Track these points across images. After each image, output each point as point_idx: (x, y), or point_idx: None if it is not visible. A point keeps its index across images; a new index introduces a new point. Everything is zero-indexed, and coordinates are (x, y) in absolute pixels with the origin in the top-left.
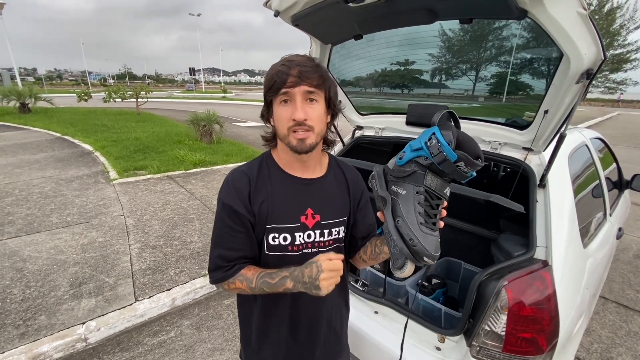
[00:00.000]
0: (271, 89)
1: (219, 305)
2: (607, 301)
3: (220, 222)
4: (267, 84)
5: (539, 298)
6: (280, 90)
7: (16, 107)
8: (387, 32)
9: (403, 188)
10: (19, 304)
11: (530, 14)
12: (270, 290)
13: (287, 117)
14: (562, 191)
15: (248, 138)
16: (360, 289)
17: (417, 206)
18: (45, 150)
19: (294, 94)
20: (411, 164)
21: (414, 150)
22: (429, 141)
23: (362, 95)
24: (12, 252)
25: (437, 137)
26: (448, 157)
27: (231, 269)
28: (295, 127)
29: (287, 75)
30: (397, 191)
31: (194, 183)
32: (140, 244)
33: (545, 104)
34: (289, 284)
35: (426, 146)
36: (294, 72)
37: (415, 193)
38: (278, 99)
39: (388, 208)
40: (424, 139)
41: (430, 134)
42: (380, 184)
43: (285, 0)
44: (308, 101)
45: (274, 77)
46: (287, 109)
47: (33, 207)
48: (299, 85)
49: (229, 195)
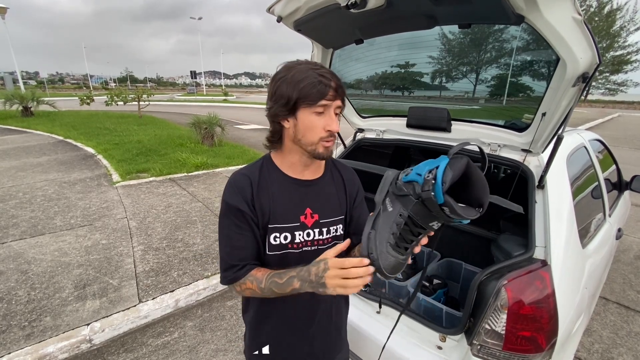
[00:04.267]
0: (309, 97)
1: (222, 306)
2: (608, 302)
3: (227, 223)
4: (304, 90)
5: (539, 297)
6: (320, 102)
7: (19, 110)
8: (387, 36)
9: (392, 205)
10: (24, 306)
11: (527, 19)
12: (279, 291)
13: (321, 127)
14: (561, 192)
15: (249, 141)
16: (362, 289)
17: (394, 227)
18: (48, 153)
19: (331, 107)
20: (410, 186)
21: (416, 173)
22: (429, 173)
23: (363, 98)
24: (17, 255)
25: (437, 172)
26: (435, 197)
27: (242, 268)
28: (328, 138)
29: (328, 88)
30: (387, 205)
31: (196, 185)
32: (144, 246)
33: (543, 107)
34: (296, 284)
35: (424, 177)
36: (333, 85)
37: (398, 215)
38: (313, 108)
39: (374, 214)
40: (428, 167)
41: (435, 165)
42: (382, 188)
43: (288, 6)
44: (336, 115)
45: (316, 87)
46: (322, 120)
47: (37, 209)
48: (336, 100)
49: (232, 196)
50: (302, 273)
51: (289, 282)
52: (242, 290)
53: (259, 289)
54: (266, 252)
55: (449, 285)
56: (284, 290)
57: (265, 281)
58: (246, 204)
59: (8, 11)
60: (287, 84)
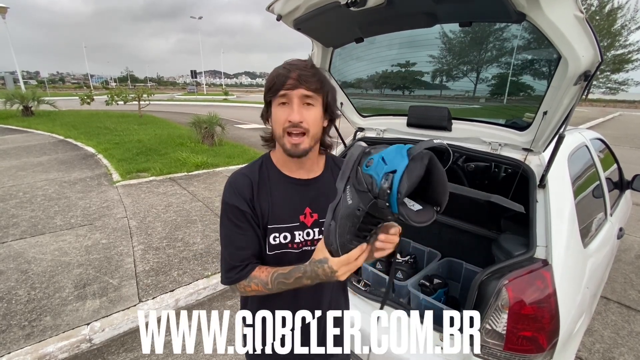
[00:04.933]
0: (270, 89)
1: (222, 306)
2: (609, 301)
3: (227, 223)
4: (267, 85)
5: (540, 297)
6: (279, 92)
7: (19, 110)
8: (387, 34)
9: (351, 198)
10: (24, 305)
11: (528, 17)
12: (288, 288)
13: (283, 118)
14: (562, 191)
15: (249, 140)
16: (363, 289)
17: (354, 219)
18: (49, 152)
19: (292, 96)
20: (369, 180)
21: (376, 169)
22: (385, 179)
23: (363, 97)
24: (17, 254)
25: (393, 181)
26: (390, 207)
27: (244, 268)
28: (290, 129)
29: (286, 78)
30: (347, 196)
31: (196, 185)
32: (144, 246)
33: (544, 105)
34: (306, 282)
35: (380, 181)
36: (293, 75)
37: (357, 209)
38: (276, 100)
39: (335, 202)
40: (387, 168)
41: (392, 169)
42: (343, 171)
43: (287, 4)
44: (305, 105)
45: (274, 79)
46: (285, 111)
47: (37, 209)
48: (297, 89)
49: (232, 196)
50: (309, 274)
51: (298, 282)
52: (245, 291)
53: (266, 289)
54: (266, 253)
55: (450, 284)
56: (293, 287)
57: (272, 283)
58: (246, 203)
59: (8, 11)
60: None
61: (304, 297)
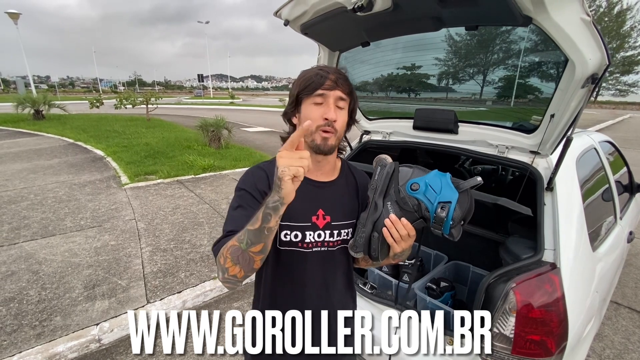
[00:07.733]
0: (307, 88)
1: (229, 307)
2: (619, 306)
3: (233, 202)
4: (303, 83)
5: (548, 300)
6: (317, 91)
7: (30, 114)
8: (394, 38)
9: (394, 213)
10: (35, 305)
11: (534, 20)
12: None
13: (319, 116)
14: (570, 194)
15: (256, 143)
16: (369, 292)
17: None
18: (59, 155)
19: (329, 96)
20: (415, 202)
21: (426, 195)
22: (441, 208)
23: (369, 100)
24: (28, 255)
25: (449, 211)
26: (442, 230)
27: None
28: (325, 127)
29: (324, 79)
30: (389, 210)
31: (203, 187)
32: (152, 247)
33: (551, 108)
34: (260, 214)
35: (436, 207)
36: (331, 77)
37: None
38: (310, 99)
39: (373, 214)
40: (441, 198)
41: (447, 200)
42: (379, 185)
43: (294, 10)
44: (337, 107)
45: (312, 79)
46: (320, 109)
47: (48, 211)
48: (334, 90)
49: (245, 183)
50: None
51: (257, 216)
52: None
53: (238, 241)
54: (277, 247)
55: (457, 288)
56: (259, 231)
57: (242, 232)
58: (258, 192)
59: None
60: (294, 84)
61: (312, 297)
